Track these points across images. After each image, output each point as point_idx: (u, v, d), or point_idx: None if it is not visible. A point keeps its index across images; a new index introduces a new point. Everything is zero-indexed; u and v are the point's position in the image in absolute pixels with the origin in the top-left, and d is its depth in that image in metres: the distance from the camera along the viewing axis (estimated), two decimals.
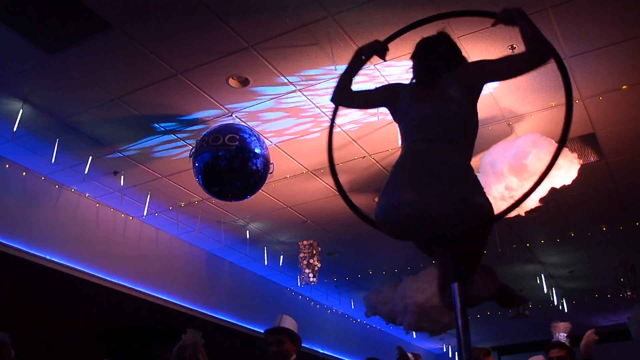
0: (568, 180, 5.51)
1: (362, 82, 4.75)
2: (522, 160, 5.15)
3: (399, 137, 2.45)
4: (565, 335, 5.01)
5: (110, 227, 7.08)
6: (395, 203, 2.20)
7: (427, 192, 2.14)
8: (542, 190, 5.46)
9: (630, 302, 8.71)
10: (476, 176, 2.30)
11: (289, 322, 4.42)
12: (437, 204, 2.11)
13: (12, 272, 6.22)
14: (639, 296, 8.42)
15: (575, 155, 5.55)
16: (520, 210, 5.55)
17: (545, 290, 9.87)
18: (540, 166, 5.19)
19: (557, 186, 5.52)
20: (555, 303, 10.15)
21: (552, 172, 5.23)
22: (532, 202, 5.50)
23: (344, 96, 2.68)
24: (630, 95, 5.10)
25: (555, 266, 9.07)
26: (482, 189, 2.24)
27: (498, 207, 4.74)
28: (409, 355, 5.05)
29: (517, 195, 5.33)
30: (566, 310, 10.07)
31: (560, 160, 5.30)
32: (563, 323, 5.12)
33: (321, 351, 10.35)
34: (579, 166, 5.52)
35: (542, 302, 10.34)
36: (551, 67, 2.38)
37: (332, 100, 2.72)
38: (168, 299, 7.51)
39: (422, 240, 2.42)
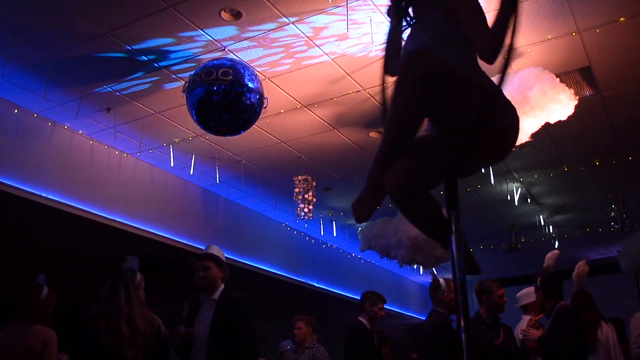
0: (564, 116, 5.49)
1: None
2: (526, 92, 5.09)
3: None
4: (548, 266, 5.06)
5: (105, 164, 7.07)
6: None
7: None
8: (535, 125, 5.45)
9: (620, 235, 8.84)
10: None
11: (217, 251, 4.49)
12: None
13: (7, 209, 6.25)
14: (630, 230, 8.53)
15: (572, 91, 5.52)
16: None
17: (538, 225, 10.00)
18: (543, 100, 5.15)
19: (552, 121, 5.51)
20: (547, 237, 10.29)
21: (551, 106, 5.24)
22: (524, 136, 5.49)
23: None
24: (627, 28, 5.03)
25: (547, 200, 9.15)
26: None
27: None
28: (441, 280, 5.08)
29: None
30: (557, 244, 10.20)
31: (560, 95, 5.27)
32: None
33: (316, 285, 10.53)
34: (576, 102, 5.49)
35: (534, 237, 10.49)
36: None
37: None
38: (164, 235, 7.56)
39: None
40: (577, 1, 4.71)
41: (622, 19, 4.92)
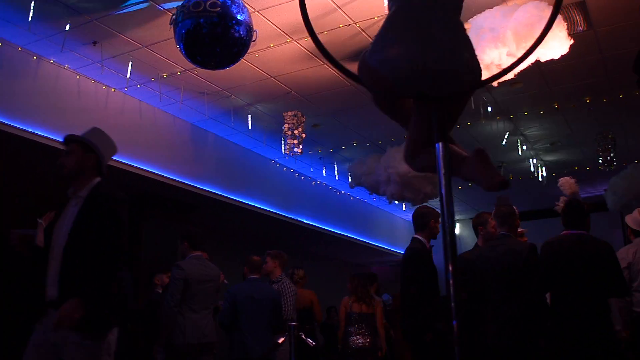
0: (557, 55, 5.43)
1: None
2: (535, 26, 5.00)
3: None
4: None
5: (92, 99, 6.98)
6: (392, 55, 2.07)
7: (428, 46, 2.03)
8: (525, 63, 5.39)
9: (607, 174, 8.91)
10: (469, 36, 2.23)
11: (90, 134, 3.54)
12: (439, 59, 2.01)
13: None
14: (618, 168, 8.59)
15: (566, 30, 5.44)
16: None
17: (526, 162, 10.04)
18: (548, 36, 5.06)
19: (544, 59, 5.45)
20: (535, 174, 10.35)
21: (550, 43, 5.18)
22: (511, 73, 5.44)
23: None
24: None
25: (536, 138, 9.16)
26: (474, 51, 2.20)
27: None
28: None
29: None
30: (545, 182, 10.27)
31: (560, 33, 5.20)
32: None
33: (305, 221, 10.61)
34: (571, 42, 5.42)
35: (522, 174, 10.56)
36: None
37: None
38: (153, 171, 7.55)
39: (404, 98, 2.33)
40: None
41: None
